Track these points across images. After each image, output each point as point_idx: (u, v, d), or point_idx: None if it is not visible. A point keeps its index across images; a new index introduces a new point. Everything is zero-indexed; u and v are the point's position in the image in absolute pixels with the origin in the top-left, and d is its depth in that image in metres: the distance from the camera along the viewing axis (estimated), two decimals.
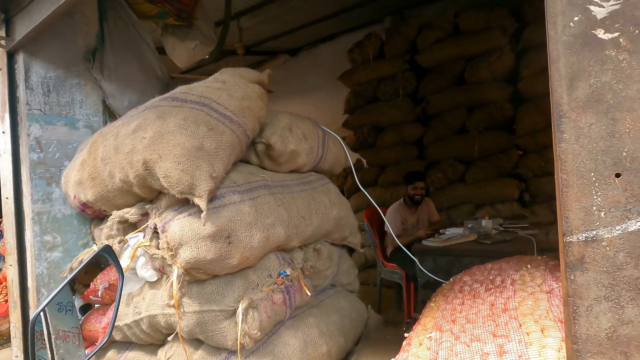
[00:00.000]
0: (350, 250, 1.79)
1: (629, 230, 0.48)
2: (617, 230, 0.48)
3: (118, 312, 1.38)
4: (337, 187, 1.68)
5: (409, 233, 3.03)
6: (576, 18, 0.50)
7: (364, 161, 1.82)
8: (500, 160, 3.50)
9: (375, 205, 1.75)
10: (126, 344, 1.42)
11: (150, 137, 1.09)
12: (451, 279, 1.36)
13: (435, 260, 2.26)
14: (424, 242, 2.45)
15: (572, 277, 0.51)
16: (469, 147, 3.58)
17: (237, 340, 1.10)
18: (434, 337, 0.93)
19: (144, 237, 1.20)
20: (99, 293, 1.35)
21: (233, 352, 1.17)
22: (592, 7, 0.49)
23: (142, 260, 1.26)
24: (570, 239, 0.51)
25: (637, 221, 0.47)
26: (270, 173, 1.40)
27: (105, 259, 0.93)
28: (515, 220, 2.91)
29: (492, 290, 1.04)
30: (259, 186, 1.27)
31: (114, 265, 0.92)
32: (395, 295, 3.31)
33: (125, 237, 1.25)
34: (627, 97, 0.48)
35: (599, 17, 0.49)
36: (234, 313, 1.15)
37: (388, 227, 2.10)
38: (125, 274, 1.27)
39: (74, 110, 1.68)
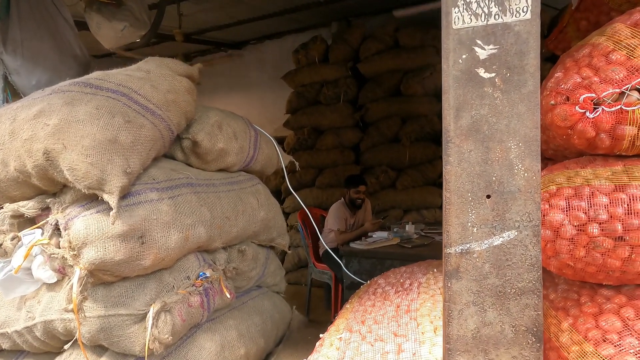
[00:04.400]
0: (282, 251, 1.80)
1: (494, 244, 0.55)
2: (485, 244, 0.56)
3: (7, 318, 1.23)
4: (267, 188, 1.68)
5: (349, 232, 3.12)
6: (464, 56, 0.56)
7: (297, 164, 1.85)
8: (427, 169, 3.78)
9: (304, 207, 1.78)
10: (16, 353, 1.27)
11: (54, 125, 0.98)
12: (369, 282, 1.44)
13: (361, 262, 2.37)
14: (351, 245, 2.56)
15: (449, 285, 0.57)
16: (401, 155, 3.81)
17: (145, 345, 1.05)
18: (344, 337, 0.98)
19: (42, 234, 1.08)
20: None
21: (141, 358, 1.10)
22: (476, 48, 0.56)
23: (39, 259, 1.13)
24: (449, 251, 0.57)
25: (500, 237, 0.55)
26: (195, 171, 1.35)
27: None
28: (435, 226, 3.17)
29: (400, 292, 1.12)
30: (181, 184, 1.22)
31: None
32: (325, 295, 3.40)
33: (20, 234, 1.12)
34: (498, 130, 0.55)
35: (481, 57, 0.56)
36: (144, 317, 1.09)
37: (318, 232, 2.14)
38: (17, 274, 1.13)
39: None
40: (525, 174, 0.53)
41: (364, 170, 4.04)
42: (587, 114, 0.81)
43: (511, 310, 0.54)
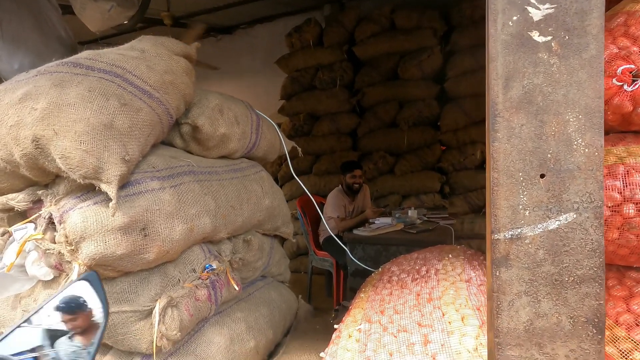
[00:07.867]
0: (282, 239, 1.75)
1: (549, 228, 0.50)
2: (539, 228, 0.50)
3: (1, 318, 1.16)
4: (270, 175, 1.61)
5: (349, 219, 3.07)
6: (515, 17, 0.50)
7: (299, 149, 1.78)
8: (425, 154, 3.74)
9: (310, 195, 1.72)
10: None
11: (42, 109, 0.89)
12: (380, 269, 1.39)
13: (365, 249, 2.34)
14: (355, 232, 2.52)
15: (497, 274, 0.52)
16: (398, 140, 3.76)
17: (152, 342, 0.99)
18: (363, 328, 0.93)
19: (35, 228, 1.00)
20: None
21: (148, 356, 1.05)
22: (529, 8, 0.49)
23: (33, 255, 1.06)
24: (497, 237, 0.52)
25: (557, 220, 0.50)
26: (197, 158, 1.28)
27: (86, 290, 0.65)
28: (436, 210, 3.15)
29: (418, 280, 1.08)
30: (183, 172, 1.15)
31: (97, 297, 0.67)
32: (326, 282, 3.38)
33: (10, 229, 1.04)
34: (554, 100, 0.49)
35: (535, 18, 0.49)
36: (150, 313, 1.03)
37: (323, 218, 2.09)
38: (9, 272, 1.06)
39: None
40: (586, 150, 0.48)
41: (361, 156, 3.99)
42: (625, 86, 0.76)
43: (569, 300, 0.49)
